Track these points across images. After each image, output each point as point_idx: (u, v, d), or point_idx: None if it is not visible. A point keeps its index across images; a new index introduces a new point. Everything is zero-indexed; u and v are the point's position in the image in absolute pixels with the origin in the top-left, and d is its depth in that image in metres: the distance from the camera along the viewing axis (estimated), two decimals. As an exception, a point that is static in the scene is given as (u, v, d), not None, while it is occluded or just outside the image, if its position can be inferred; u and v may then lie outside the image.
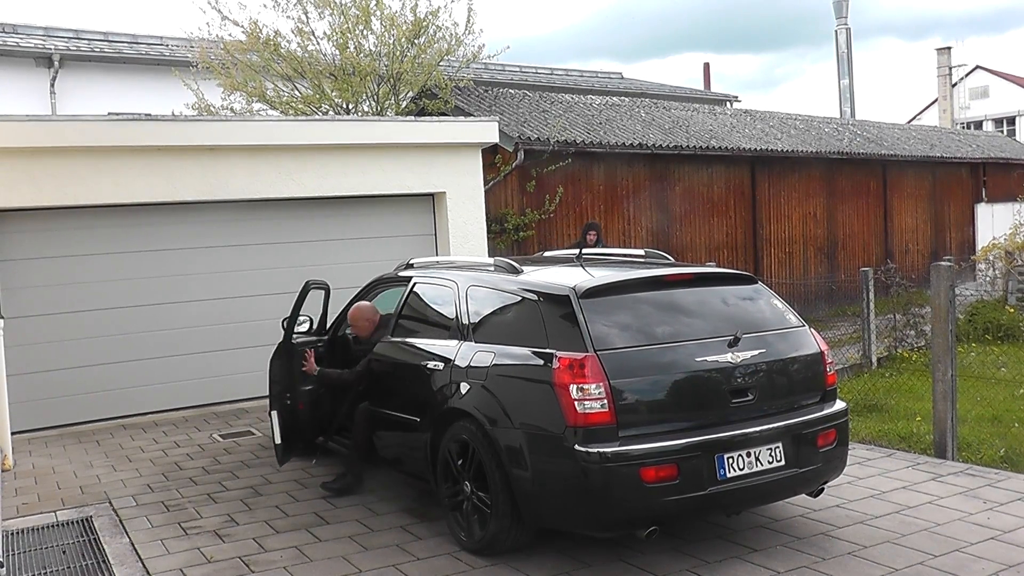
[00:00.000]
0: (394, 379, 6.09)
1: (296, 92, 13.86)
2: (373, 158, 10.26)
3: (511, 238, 13.07)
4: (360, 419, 6.20)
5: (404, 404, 5.81)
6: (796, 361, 5.08)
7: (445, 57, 14.09)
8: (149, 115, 10.15)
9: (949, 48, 43.98)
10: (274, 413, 6.55)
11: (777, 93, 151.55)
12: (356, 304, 6.74)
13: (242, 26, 13.62)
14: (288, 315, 6.71)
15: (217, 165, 9.39)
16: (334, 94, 13.71)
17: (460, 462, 5.13)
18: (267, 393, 6.79)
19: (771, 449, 4.75)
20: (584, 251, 6.14)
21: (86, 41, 19.38)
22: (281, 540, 5.48)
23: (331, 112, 13.71)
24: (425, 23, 13.71)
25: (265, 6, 18.45)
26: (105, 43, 19.57)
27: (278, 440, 6.54)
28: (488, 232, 11.49)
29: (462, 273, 5.80)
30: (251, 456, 7.56)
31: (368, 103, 13.96)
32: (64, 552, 5.45)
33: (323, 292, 7.11)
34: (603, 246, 11.12)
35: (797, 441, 4.84)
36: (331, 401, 6.73)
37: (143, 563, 5.20)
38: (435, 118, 12.18)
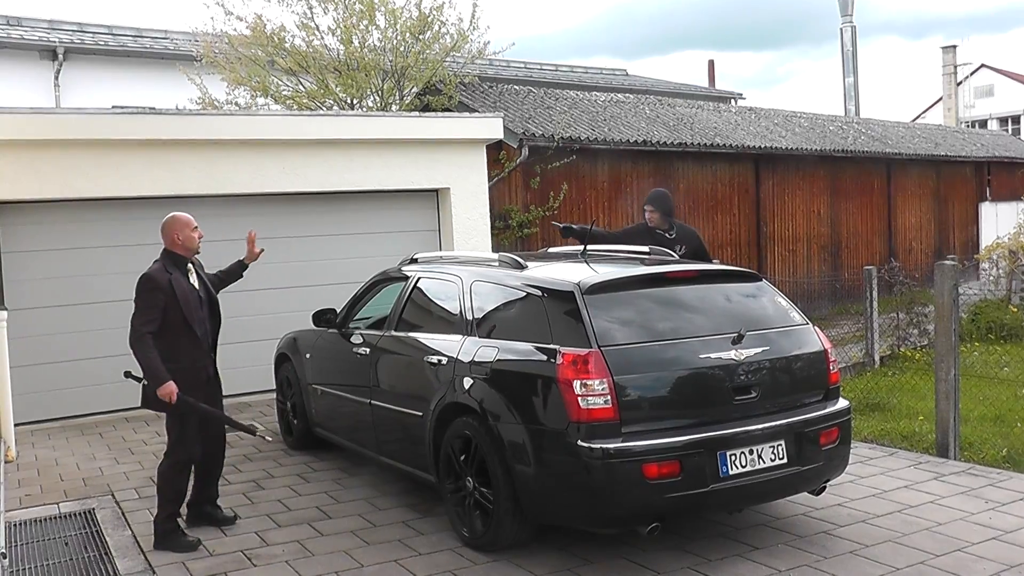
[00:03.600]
0: (396, 374, 6.10)
1: (300, 87, 13.86)
2: (377, 153, 10.25)
3: (515, 234, 13.06)
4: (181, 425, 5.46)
5: (406, 399, 5.81)
6: (799, 359, 5.08)
7: (450, 53, 14.08)
8: (153, 109, 10.17)
9: (954, 46, 43.94)
10: None
11: (778, 91, 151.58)
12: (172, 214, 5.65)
13: (246, 21, 13.62)
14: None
15: (221, 159, 9.40)
16: (338, 89, 13.71)
17: (462, 457, 5.13)
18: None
19: (773, 447, 4.74)
20: (589, 248, 6.10)
21: (90, 34, 19.38)
22: (283, 534, 5.49)
23: (335, 107, 13.71)
24: (430, 18, 13.71)
25: (269, 1, 18.47)
26: (109, 36, 19.57)
27: None
28: (492, 228, 11.49)
29: (466, 268, 5.80)
30: (253, 450, 7.57)
31: (372, 98, 13.96)
32: (66, 544, 5.46)
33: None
34: (667, 234, 7.14)
35: (799, 439, 4.84)
36: None
37: (145, 556, 5.20)
38: (439, 114, 12.18)
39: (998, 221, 21.03)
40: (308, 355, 7.32)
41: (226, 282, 6.16)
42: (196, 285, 5.57)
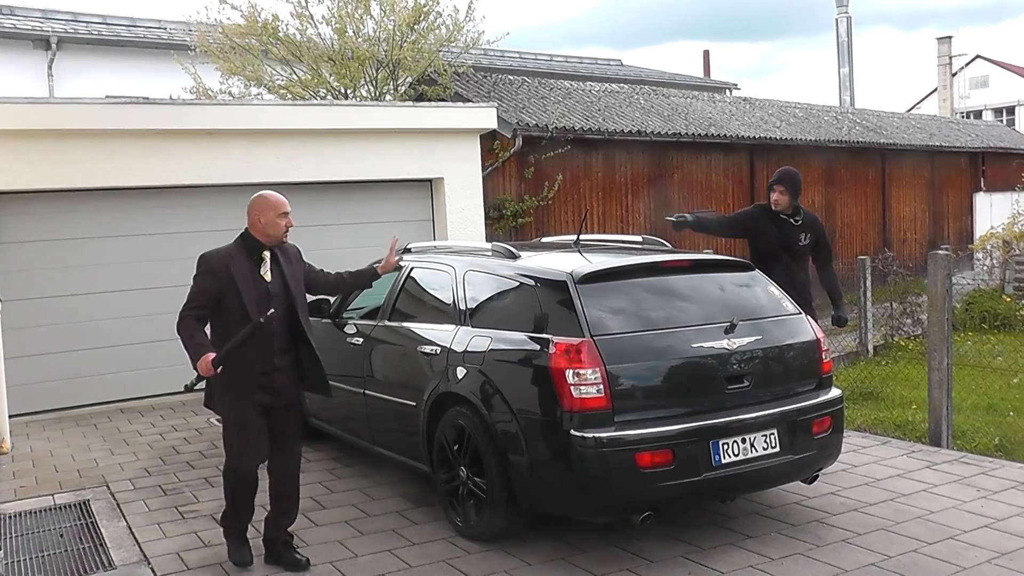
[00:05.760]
0: (390, 364, 6.10)
1: (294, 76, 13.82)
2: (371, 143, 10.23)
3: (509, 224, 13.06)
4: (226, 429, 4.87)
5: (400, 389, 5.81)
6: (792, 348, 5.09)
7: (445, 44, 14.05)
8: (147, 98, 10.12)
9: (950, 37, 43.85)
10: None
11: (773, 81, 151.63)
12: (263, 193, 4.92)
13: (240, 10, 13.57)
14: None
15: (215, 149, 9.37)
16: (332, 79, 13.67)
17: (456, 447, 5.14)
18: None
19: (766, 436, 4.76)
20: (582, 237, 6.10)
21: (84, 24, 19.30)
22: (277, 524, 5.48)
23: (329, 97, 13.67)
24: (426, 9, 13.67)
25: (263, -10, 18.37)
26: (103, 26, 19.50)
27: None
28: (486, 218, 11.48)
29: (459, 258, 5.80)
30: (248, 440, 7.56)
31: (366, 88, 13.92)
32: (61, 535, 5.46)
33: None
34: (792, 219, 6.79)
35: (792, 428, 4.86)
36: None
37: (140, 547, 5.21)
38: (434, 103, 12.15)
39: (992, 211, 21.08)
40: (302, 345, 7.29)
41: (350, 284, 5.61)
42: (268, 277, 4.76)
